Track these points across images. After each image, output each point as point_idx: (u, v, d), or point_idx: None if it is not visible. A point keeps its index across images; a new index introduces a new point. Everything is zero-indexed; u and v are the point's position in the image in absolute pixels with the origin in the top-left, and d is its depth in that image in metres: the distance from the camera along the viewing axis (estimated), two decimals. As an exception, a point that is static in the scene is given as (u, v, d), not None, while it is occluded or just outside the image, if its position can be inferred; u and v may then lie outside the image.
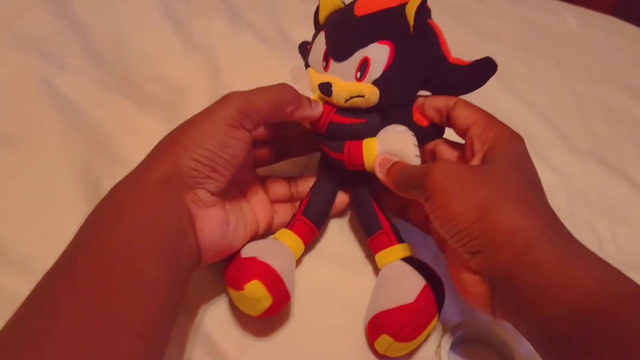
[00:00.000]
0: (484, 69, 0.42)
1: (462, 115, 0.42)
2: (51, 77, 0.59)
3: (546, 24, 0.84)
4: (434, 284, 0.42)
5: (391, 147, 0.43)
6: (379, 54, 0.41)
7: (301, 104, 0.43)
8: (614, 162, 0.63)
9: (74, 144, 0.54)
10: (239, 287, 0.40)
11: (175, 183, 0.37)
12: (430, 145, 0.46)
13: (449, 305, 0.44)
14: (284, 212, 0.49)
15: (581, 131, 0.66)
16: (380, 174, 0.43)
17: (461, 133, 0.43)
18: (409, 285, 0.42)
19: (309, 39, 0.47)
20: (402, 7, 0.42)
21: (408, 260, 0.44)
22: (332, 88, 0.42)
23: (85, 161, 0.53)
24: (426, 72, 0.43)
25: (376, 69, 0.41)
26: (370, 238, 0.47)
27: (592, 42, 0.82)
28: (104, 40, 0.67)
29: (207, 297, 0.45)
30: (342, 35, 0.43)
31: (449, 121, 0.44)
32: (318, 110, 0.44)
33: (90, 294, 0.30)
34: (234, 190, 0.45)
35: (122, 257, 0.33)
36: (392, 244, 0.45)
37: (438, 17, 0.45)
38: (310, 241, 0.47)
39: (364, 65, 0.41)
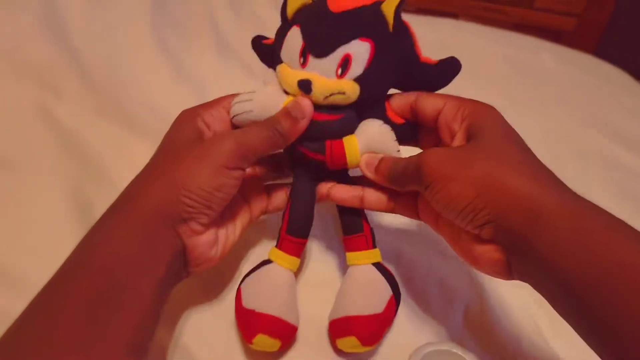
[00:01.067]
0: (450, 69, 0.44)
1: (427, 104, 0.43)
2: (48, 104, 0.63)
3: (523, 61, 0.88)
4: (397, 294, 0.45)
5: (373, 144, 0.44)
6: (360, 51, 0.41)
7: (288, 129, 0.42)
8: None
9: (68, 167, 0.57)
10: (248, 340, 0.43)
11: (169, 216, 0.38)
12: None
13: (417, 324, 0.47)
14: (278, 196, 0.49)
15: (551, 166, 0.69)
16: (368, 173, 0.44)
17: (431, 122, 0.43)
18: (379, 295, 0.45)
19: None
20: (377, 4, 0.42)
21: (377, 266, 0.46)
22: (312, 85, 0.42)
23: (77, 184, 0.56)
24: (402, 70, 0.44)
25: (358, 66, 0.42)
26: (348, 237, 0.48)
27: (567, 79, 0.86)
28: (99, 69, 0.71)
29: (186, 307, 0.48)
30: (322, 31, 0.42)
31: (414, 115, 0.44)
32: (306, 114, 0.43)
33: (85, 307, 0.33)
34: None
35: (116, 274, 0.35)
36: (367, 248, 0.47)
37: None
38: (302, 251, 0.47)
39: (345, 62, 0.42)
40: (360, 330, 0.43)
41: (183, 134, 0.42)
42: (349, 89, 0.42)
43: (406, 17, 0.44)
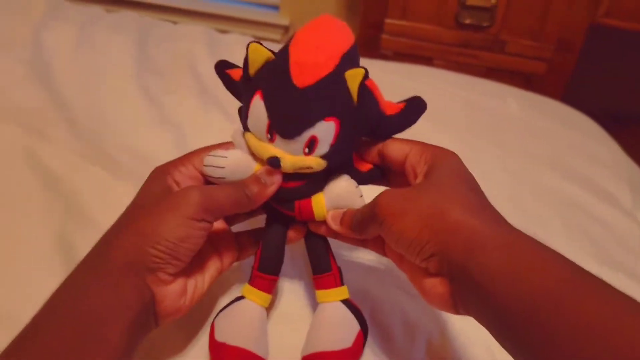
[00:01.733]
0: (415, 110, 0.47)
1: (394, 150, 0.45)
2: (33, 147, 0.66)
3: (488, 106, 0.93)
4: (364, 329, 0.48)
5: (339, 201, 0.46)
6: (326, 131, 0.43)
7: (256, 195, 0.44)
8: (537, 233, 0.69)
9: (51, 209, 0.60)
10: None
11: (137, 267, 0.39)
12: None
13: (382, 358, 0.50)
14: (248, 244, 0.51)
15: (509, 205, 0.73)
16: (334, 226, 0.46)
17: (399, 166, 0.45)
18: (348, 330, 0.48)
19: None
20: (341, 69, 0.43)
21: (345, 303, 0.49)
22: (280, 162, 0.43)
23: (61, 226, 0.58)
24: (368, 130, 0.46)
25: (324, 145, 0.43)
26: (317, 276, 0.50)
27: (529, 123, 0.91)
28: (84, 114, 0.74)
29: (165, 347, 0.49)
30: (287, 112, 0.43)
31: (383, 160, 0.47)
32: (275, 182, 0.45)
33: (57, 355, 0.34)
34: None
35: (87, 324, 0.36)
36: (336, 286, 0.50)
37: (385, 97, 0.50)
38: (273, 288, 0.50)
39: (311, 143, 0.43)
40: None
41: (153, 189, 0.44)
42: (316, 165, 0.44)
43: (382, 65, 0.46)
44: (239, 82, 0.47)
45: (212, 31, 1.00)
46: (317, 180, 0.47)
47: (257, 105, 0.44)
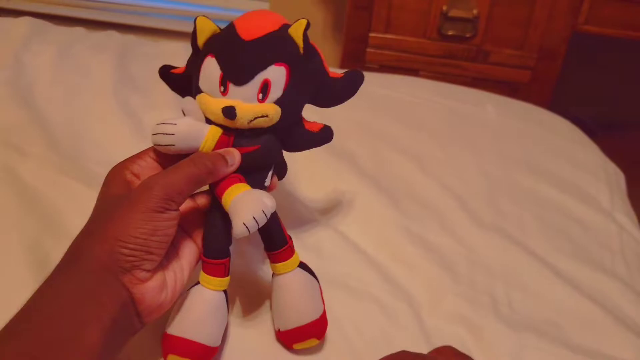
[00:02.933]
0: (354, 80, 0.50)
1: None
2: (12, 163, 0.67)
3: (467, 113, 0.94)
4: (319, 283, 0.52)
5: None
6: (277, 75, 0.45)
7: (218, 168, 0.44)
8: (514, 234, 0.70)
9: (28, 223, 0.60)
10: None
11: (112, 269, 0.39)
12: None
13: None
14: None
15: (487, 208, 0.74)
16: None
17: None
18: (317, 295, 0.51)
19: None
20: (285, 29, 0.46)
21: (302, 266, 0.51)
22: (236, 110, 0.44)
23: (37, 239, 0.59)
24: (315, 86, 0.48)
25: (276, 90, 0.45)
26: (274, 252, 0.50)
27: (507, 128, 0.92)
28: (63, 130, 0.75)
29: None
30: (238, 59, 0.45)
31: None
32: (236, 162, 0.46)
33: (34, 359, 0.34)
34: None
35: (63, 325, 0.36)
36: (292, 255, 0.50)
37: (366, 108, 0.52)
38: (226, 269, 0.48)
39: (265, 87, 0.45)
40: (317, 331, 0.50)
41: (112, 189, 0.44)
42: (272, 111, 0.45)
43: (369, 76, 0.48)
44: (185, 70, 0.50)
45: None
46: (271, 145, 0.47)
47: (209, 64, 0.46)
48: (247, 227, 0.41)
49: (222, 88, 0.45)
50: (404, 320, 0.57)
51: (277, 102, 0.46)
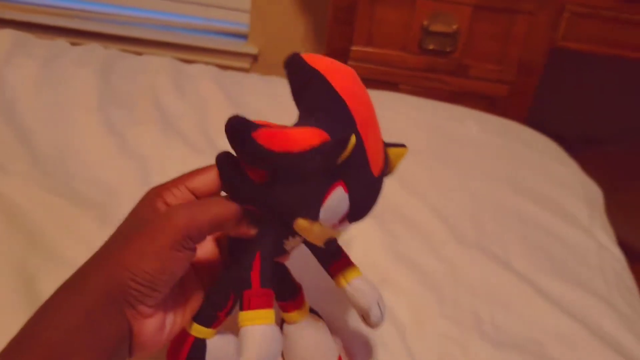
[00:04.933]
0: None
1: None
2: (-5, 181, 0.66)
3: (450, 130, 0.95)
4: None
5: None
6: None
7: (241, 221, 0.42)
8: (497, 252, 0.71)
9: (12, 241, 0.60)
10: None
11: (116, 299, 0.38)
12: None
13: None
14: None
15: (470, 226, 0.75)
16: None
17: None
18: (331, 343, 0.51)
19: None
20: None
21: (312, 311, 0.51)
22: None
23: (22, 257, 0.58)
24: None
25: None
26: (287, 302, 0.49)
27: (488, 144, 0.93)
28: (47, 146, 0.75)
29: None
30: (368, 201, 0.43)
31: None
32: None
33: None
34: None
35: (61, 355, 0.36)
36: (303, 303, 0.50)
37: None
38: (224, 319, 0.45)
39: None
40: None
41: (140, 214, 0.42)
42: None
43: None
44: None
45: (176, 62, 1.01)
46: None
47: (340, 196, 0.40)
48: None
49: (337, 224, 0.41)
50: (389, 341, 0.57)
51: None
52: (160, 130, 0.80)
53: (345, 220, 0.41)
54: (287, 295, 0.49)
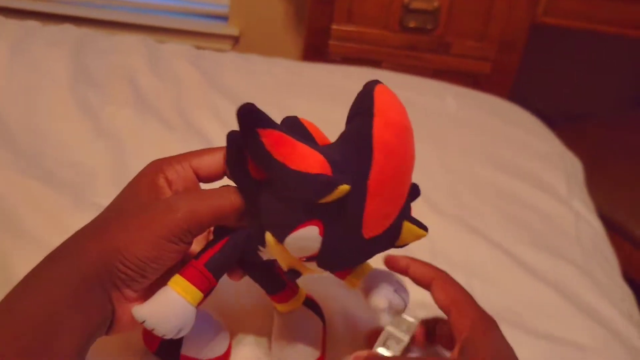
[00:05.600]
0: None
1: (438, 299, 0.47)
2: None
3: (428, 105, 0.95)
4: (323, 319, 0.52)
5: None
6: None
7: (243, 215, 0.41)
8: (475, 224, 0.71)
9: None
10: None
11: (103, 280, 0.38)
12: (431, 323, 0.51)
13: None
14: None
15: (448, 198, 0.75)
16: None
17: (424, 286, 0.49)
18: (317, 335, 0.50)
19: (210, 124, 0.39)
20: (402, 215, 0.41)
21: (306, 302, 0.51)
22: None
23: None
24: None
25: None
26: (275, 295, 0.49)
27: (467, 120, 0.93)
28: (20, 128, 0.74)
29: None
30: (346, 260, 0.41)
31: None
32: None
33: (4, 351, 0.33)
34: None
35: (44, 331, 0.35)
36: (294, 294, 0.50)
37: (326, 100, 0.48)
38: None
39: None
40: None
41: (140, 190, 0.41)
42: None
43: (328, 67, 0.46)
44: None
45: (151, 41, 1.00)
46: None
47: (310, 235, 0.37)
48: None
49: (304, 259, 0.39)
50: (368, 311, 0.57)
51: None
52: (135, 110, 0.79)
53: (313, 261, 0.39)
54: (272, 289, 0.49)
